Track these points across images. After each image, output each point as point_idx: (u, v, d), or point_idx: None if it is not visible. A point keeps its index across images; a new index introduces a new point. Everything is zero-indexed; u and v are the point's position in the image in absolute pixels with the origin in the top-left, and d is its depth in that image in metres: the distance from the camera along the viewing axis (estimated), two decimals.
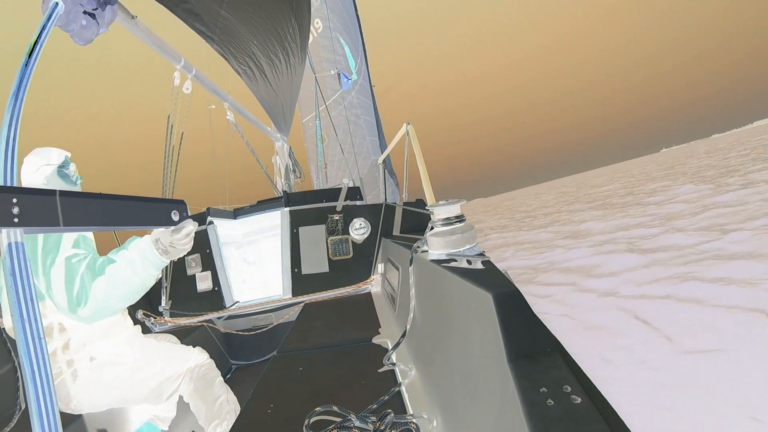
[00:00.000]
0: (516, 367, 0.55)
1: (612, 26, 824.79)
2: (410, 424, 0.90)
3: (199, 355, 1.52)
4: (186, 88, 2.22)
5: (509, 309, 0.61)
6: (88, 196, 0.69)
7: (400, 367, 1.22)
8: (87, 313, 1.14)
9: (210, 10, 1.80)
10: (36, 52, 0.84)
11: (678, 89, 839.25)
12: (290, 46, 2.54)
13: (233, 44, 2.10)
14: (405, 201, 2.55)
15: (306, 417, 0.99)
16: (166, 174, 2.32)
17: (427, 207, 1.16)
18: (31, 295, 0.55)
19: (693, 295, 3.51)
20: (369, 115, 6.79)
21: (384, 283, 2.29)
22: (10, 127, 0.69)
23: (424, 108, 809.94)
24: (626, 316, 3.47)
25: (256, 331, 2.42)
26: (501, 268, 0.80)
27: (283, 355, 1.55)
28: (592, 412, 0.45)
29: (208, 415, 1.43)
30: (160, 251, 1.16)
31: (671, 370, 2.47)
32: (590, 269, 5.39)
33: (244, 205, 2.86)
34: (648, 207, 9.65)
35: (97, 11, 1.16)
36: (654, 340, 2.92)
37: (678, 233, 6.04)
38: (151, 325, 2.37)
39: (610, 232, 7.69)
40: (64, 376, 1.24)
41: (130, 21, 1.56)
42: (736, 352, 2.47)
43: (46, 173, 1.34)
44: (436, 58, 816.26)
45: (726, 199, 7.85)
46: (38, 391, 0.52)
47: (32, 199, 0.57)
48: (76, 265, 1.15)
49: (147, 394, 1.38)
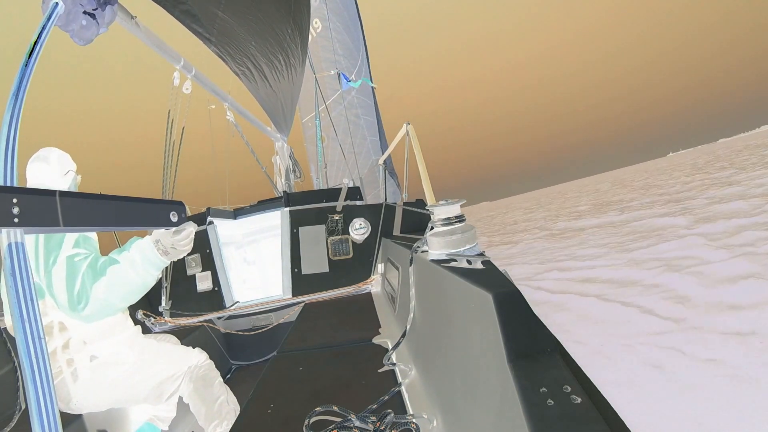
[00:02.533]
0: (516, 367, 0.55)
1: (619, 28, 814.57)
2: (410, 424, 0.90)
3: (198, 355, 1.52)
4: (186, 88, 2.22)
5: (509, 309, 0.61)
6: (88, 197, 0.69)
7: (400, 367, 1.22)
8: (88, 312, 1.14)
9: (207, 11, 1.80)
10: (36, 52, 0.84)
11: (684, 93, 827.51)
12: (289, 47, 2.54)
13: (231, 46, 2.10)
14: (405, 201, 2.55)
15: (306, 417, 0.99)
16: (166, 174, 2.32)
17: (427, 207, 1.16)
18: (31, 295, 0.55)
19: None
20: (369, 115, 6.78)
21: (384, 283, 2.29)
22: (10, 127, 0.69)
23: (427, 109, 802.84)
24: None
25: (256, 331, 2.42)
26: (501, 268, 0.80)
27: (283, 355, 1.55)
28: (592, 412, 0.45)
29: (208, 416, 1.43)
30: (161, 252, 1.17)
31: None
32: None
33: (244, 205, 2.86)
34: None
35: (97, 11, 1.16)
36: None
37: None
38: (151, 325, 2.37)
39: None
40: (64, 375, 1.24)
41: (130, 21, 1.56)
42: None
43: (69, 180, 1.40)
44: (439, 58, 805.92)
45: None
46: (38, 391, 0.52)
47: (32, 199, 0.57)
48: (78, 264, 1.16)
49: (147, 395, 1.38)
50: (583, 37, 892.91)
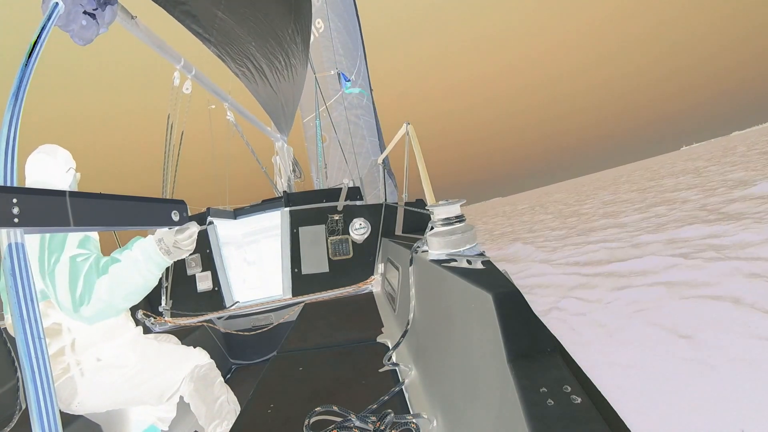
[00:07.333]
0: (516, 367, 0.55)
1: (631, 22, 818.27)
2: (410, 424, 0.90)
3: (199, 355, 1.52)
4: (186, 88, 2.22)
5: (509, 309, 0.61)
6: (96, 197, 0.70)
7: (400, 367, 1.21)
8: (90, 313, 1.13)
9: (207, 11, 1.79)
10: (36, 52, 0.84)
11: (698, 87, 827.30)
12: (290, 47, 2.54)
13: (231, 46, 2.10)
14: (405, 201, 2.55)
15: (306, 417, 0.99)
16: (166, 174, 2.32)
17: (427, 207, 1.16)
18: (31, 295, 0.55)
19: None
20: (369, 116, 6.78)
21: (384, 283, 2.29)
22: (10, 127, 0.69)
23: (427, 109, 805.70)
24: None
25: (256, 331, 2.42)
26: (501, 268, 0.80)
27: (283, 355, 1.55)
28: (592, 412, 0.45)
29: (209, 416, 1.43)
30: (163, 251, 1.17)
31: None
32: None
33: (244, 205, 2.86)
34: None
35: (97, 11, 1.16)
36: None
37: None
38: (152, 326, 2.37)
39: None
40: (65, 377, 1.24)
41: (130, 21, 1.56)
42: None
43: (70, 178, 1.41)
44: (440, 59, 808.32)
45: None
46: (38, 391, 0.52)
47: (40, 199, 0.57)
48: (81, 264, 1.15)
49: (148, 396, 1.38)
50: (595, 31, 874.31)
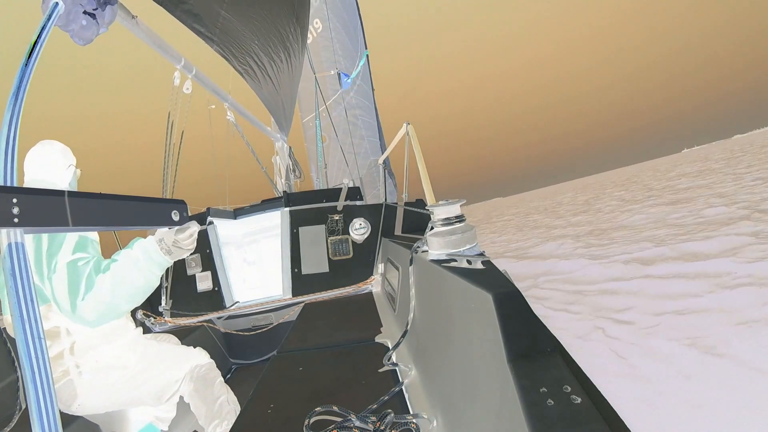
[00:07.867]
0: (516, 367, 0.55)
1: (633, 25, 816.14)
2: (410, 424, 0.90)
3: (199, 355, 1.52)
4: (186, 88, 2.22)
5: (509, 309, 0.61)
6: (94, 197, 0.69)
7: (400, 367, 1.21)
8: (93, 315, 1.12)
9: (210, 10, 1.79)
10: (36, 52, 0.84)
11: (700, 90, 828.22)
12: (292, 45, 2.54)
13: (234, 45, 2.10)
14: (405, 201, 2.55)
15: (306, 417, 0.99)
16: (166, 174, 2.32)
17: (427, 207, 1.16)
18: (31, 296, 0.55)
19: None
20: (368, 116, 6.78)
21: (384, 283, 2.29)
22: (10, 127, 0.69)
23: (429, 109, 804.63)
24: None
25: (256, 331, 2.42)
26: (501, 268, 0.80)
27: (283, 355, 1.55)
28: (592, 412, 0.45)
29: (209, 415, 1.43)
30: (164, 251, 1.16)
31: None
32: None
33: (244, 205, 2.86)
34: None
35: (97, 11, 1.16)
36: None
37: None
38: (151, 326, 2.37)
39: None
40: (66, 379, 1.24)
41: (131, 21, 1.55)
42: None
43: (70, 174, 1.39)
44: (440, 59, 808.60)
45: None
46: (38, 391, 0.52)
47: (38, 199, 0.57)
48: (82, 268, 1.14)
49: (148, 396, 1.37)
50: (596, 35, 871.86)
